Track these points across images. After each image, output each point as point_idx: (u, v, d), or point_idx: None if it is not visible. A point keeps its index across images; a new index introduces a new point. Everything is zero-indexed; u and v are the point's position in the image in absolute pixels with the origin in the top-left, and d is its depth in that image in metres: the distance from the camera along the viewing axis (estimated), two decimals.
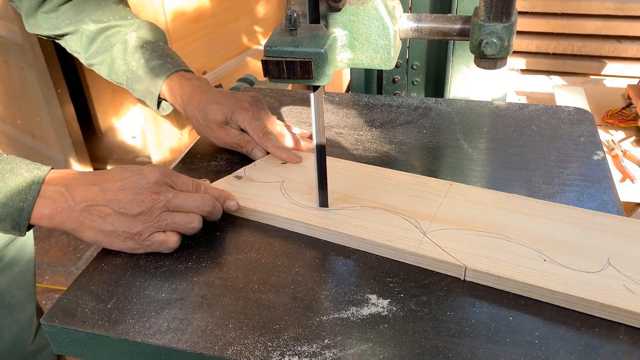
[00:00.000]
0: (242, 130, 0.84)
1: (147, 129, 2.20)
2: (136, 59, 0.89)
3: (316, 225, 0.68)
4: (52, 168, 0.65)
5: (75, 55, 0.96)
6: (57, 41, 0.97)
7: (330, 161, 0.78)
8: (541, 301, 0.58)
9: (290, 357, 0.53)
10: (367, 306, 0.58)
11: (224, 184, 0.78)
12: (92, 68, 0.95)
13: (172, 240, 0.65)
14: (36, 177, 0.62)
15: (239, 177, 0.78)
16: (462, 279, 0.61)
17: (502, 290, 0.59)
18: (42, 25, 0.93)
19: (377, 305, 0.58)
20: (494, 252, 0.62)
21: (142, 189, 0.63)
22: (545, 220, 0.66)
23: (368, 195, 0.73)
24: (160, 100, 0.91)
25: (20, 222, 0.62)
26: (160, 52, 0.90)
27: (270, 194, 0.74)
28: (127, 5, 0.97)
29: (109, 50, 0.90)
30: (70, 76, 2.35)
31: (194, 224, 0.66)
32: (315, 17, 0.59)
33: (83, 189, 0.63)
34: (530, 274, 0.59)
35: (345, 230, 0.66)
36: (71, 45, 0.94)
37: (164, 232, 0.64)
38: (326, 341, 0.54)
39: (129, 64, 0.89)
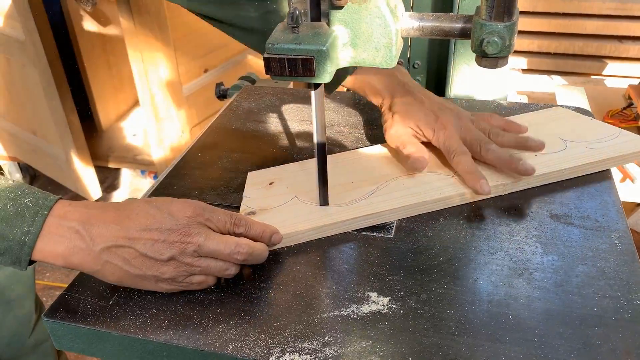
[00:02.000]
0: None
1: (148, 127, 2.20)
2: None
3: (360, 215, 0.69)
4: (60, 198, 0.58)
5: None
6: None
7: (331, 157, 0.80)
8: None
9: (291, 354, 0.53)
10: (368, 304, 0.58)
11: None
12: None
13: (211, 282, 0.60)
14: (41, 209, 0.55)
15: (252, 213, 0.71)
16: (503, 194, 0.73)
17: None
18: None
19: (378, 302, 0.59)
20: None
21: (171, 230, 0.56)
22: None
23: (377, 174, 0.77)
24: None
25: (20, 256, 0.55)
26: None
27: (296, 211, 0.71)
28: None
29: (263, 33, 0.81)
30: (72, 73, 2.36)
31: (230, 270, 0.60)
32: (317, 15, 0.60)
33: (102, 228, 0.56)
34: (541, 167, 0.74)
35: (406, 202, 0.70)
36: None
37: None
38: (326, 338, 0.55)
39: None
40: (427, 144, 0.79)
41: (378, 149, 0.84)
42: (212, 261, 0.59)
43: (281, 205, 0.72)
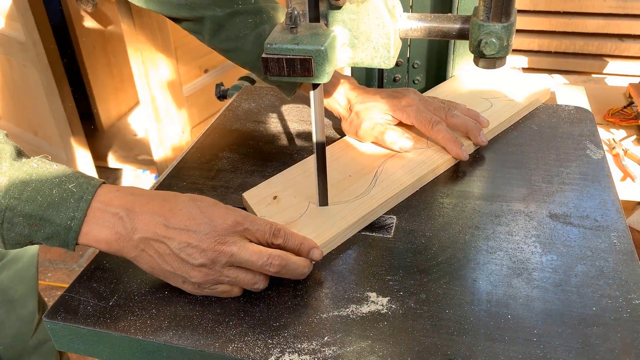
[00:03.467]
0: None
1: (148, 127, 2.21)
2: None
3: (377, 205, 0.71)
4: (104, 182, 0.59)
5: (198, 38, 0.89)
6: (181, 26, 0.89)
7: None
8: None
9: (290, 355, 0.53)
10: (367, 304, 0.59)
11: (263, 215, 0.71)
12: (223, 54, 0.88)
13: (235, 293, 0.59)
14: (86, 194, 0.56)
15: (275, 198, 0.72)
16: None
17: None
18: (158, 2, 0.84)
19: (377, 303, 0.59)
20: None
21: (208, 236, 0.56)
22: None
23: (365, 164, 0.79)
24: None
25: (67, 240, 0.56)
26: None
27: (320, 218, 0.69)
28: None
29: (240, 40, 0.82)
30: (73, 74, 2.36)
31: (258, 284, 0.59)
32: (316, 15, 0.60)
33: (146, 217, 0.57)
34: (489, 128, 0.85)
35: (410, 179, 0.75)
36: (189, 29, 0.87)
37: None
38: (326, 338, 0.55)
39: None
40: (399, 125, 0.84)
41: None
42: (242, 272, 0.58)
43: (302, 215, 0.70)
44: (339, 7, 0.59)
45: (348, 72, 1.17)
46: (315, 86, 0.62)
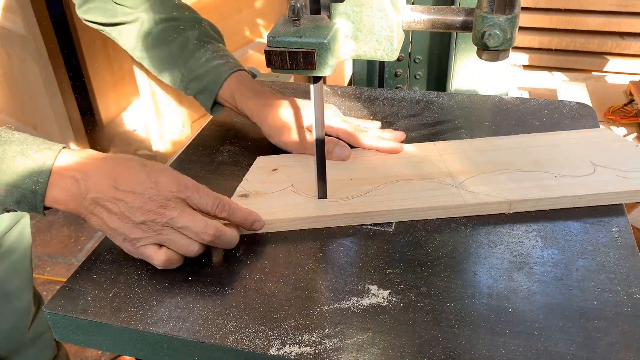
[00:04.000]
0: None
1: (149, 122, 2.20)
2: (196, 57, 0.86)
3: (352, 212, 0.68)
4: (64, 147, 0.63)
5: (126, 48, 0.92)
6: (106, 32, 0.93)
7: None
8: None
9: (291, 346, 0.53)
10: (368, 296, 0.59)
11: None
12: (143, 62, 0.91)
13: (158, 259, 0.61)
14: (47, 159, 0.60)
15: (245, 196, 0.73)
16: (507, 212, 0.69)
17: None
18: (98, 10, 0.90)
19: (378, 295, 0.59)
20: (518, 182, 0.72)
21: (152, 199, 0.60)
22: (532, 149, 0.79)
23: (379, 174, 0.76)
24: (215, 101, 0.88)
25: (35, 204, 0.61)
26: (221, 52, 0.88)
27: (289, 200, 0.72)
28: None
29: (166, 45, 0.87)
30: (72, 68, 2.35)
31: (192, 247, 0.61)
32: (317, 7, 0.60)
33: (97, 180, 0.60)
34: (556, 189, 0.70)
35: (394, 207, 0.69)
36: (125, 35, 0.91)
37: (159, 246, 0.61)
38: (327, 330, 0.55)
39: (187, 61, 0.86)
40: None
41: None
42: (177, 235, 0.61)
43: (274, 192, 0.74)
44: (341, 0, 0.58)
45: (350, 65, 1.17)
46: (316, 80, 0.62)
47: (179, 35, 0.87)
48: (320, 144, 0.66)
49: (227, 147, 0.87)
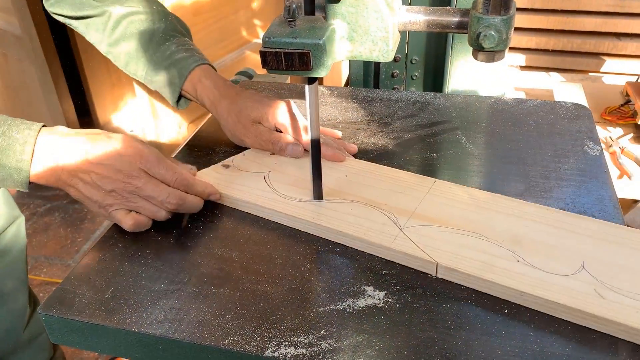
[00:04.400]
0: (274, 130, 0.83)
1: (145, 123, 2.20)
2: (161, 50, 0.87)
3: (294, 215, 0.68)
4: (43, 126, 0.67)
5: (93, 42, 0.92)
6: (74, 26, 0.93)
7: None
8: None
9: (287, 348, 0.53)
10: (364, 298, 0.58)
11: (212, 172, 0.79)
12: (109, 56, 0.91)
13: (126, 223, 0.67)
14: (29, 138, 0.65)
15: (226, 166, 0.80)
16: (434, 275, 0.61)
17: (472, 289, 0.59)
18: (66, 3, 0.90)
19: (374, 297, 0.59)
20: (468, 250, 0.61)
21: (117, 169, 0.66)
22: (525, 221, 0.65)
23: (350, 189, 0.73)
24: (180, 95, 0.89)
25: (20, 180, 0.66)
26: (187, 46, 0.88)
27: (253, 183, 0.75)
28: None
29: (132, 38, 0.88)
30: (69, 69, 2.35)
31: (160, 213, 0.68)
32: (311, 8, 0.59)
33: (71, 154, 0.66)
34: (500, 273, 0.58)
35: (322, 222, 0.67)
36: (92, 29, 0.91)
37: (129, 211, 0.68)
38: (322, 332, 0.55)
39: (152, 55, 0.87)
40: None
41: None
42: (145, 203, 0.68)
43: (253, 173, 0.78)
44: (337, 1, 0.58)
45: (346, 65, 1.17)
46: (311, 81, 0.62)
47: (145, 29, 0.88)
48: (315, 144, 0.66)
49: (224, 148, 0.86)
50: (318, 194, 0.70)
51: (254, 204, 0.71)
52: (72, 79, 2.34)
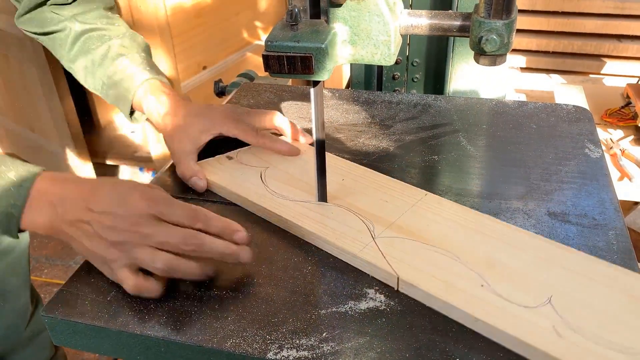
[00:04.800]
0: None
1: (146, 124, 2.20)
2: (115, 65, 0.87)
3: (276, 213, 0.69)
4: (43, 170, 0.63)
5: (57, 56, 0.94)
6: (41, 40, 0.95)
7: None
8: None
9: (289, 350, 0.53)
10: (365, 300, 0.59)
11: (215, 162, 0.80)
12: (71, 71, 0.93)
13: (127, 284, 0.59)
14: (24, 182, 0.60)
15: (230, 158, 0.81)
16: (396, 289, 0.60)
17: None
18: (36, 20, 0.92)
19: (375, 299, 0.59)
20: (434, 268, 0.60)
21: (122, 218, 0.58)
22: (504, 245, 0.63)
23: (339, 193, 0.73)
24: (133, 109, 0.88)
25: (10, 227, 0.60)
26: (142, 61, 0.88)
27: (249, 177, 0.77)
28: (116, 13, 0.96)
29: (89, 53, 0.89)
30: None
31: (155, 263, 0.58)
32: (316, 12, 0.60)
33: (73, 202, 0.60)
34: (459, 296, 0.56)
35: (300, 223, 0.67)
36: (57, 44, 0.92)
37: (133, 270, 0.59)
38: (324, 334, 0.55)
39: (107, 69, 0.87)
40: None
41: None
42: (152, 252, 0.58)
43: (252, 167, 0.79)
44: (339, 4, 0.59)
45: (347, 68, 1.17)
46: (315, 83, 0.62)
47: (102, 44, 0.88)
48: (320, 145, 0.67)
49: (225, 151, 0.86)
50: (322, 196, 0.71)
51: (241, 196, 0.73)
52: (73, 80, 2.34)
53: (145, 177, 2.50)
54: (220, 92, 1.18)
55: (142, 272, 0.59)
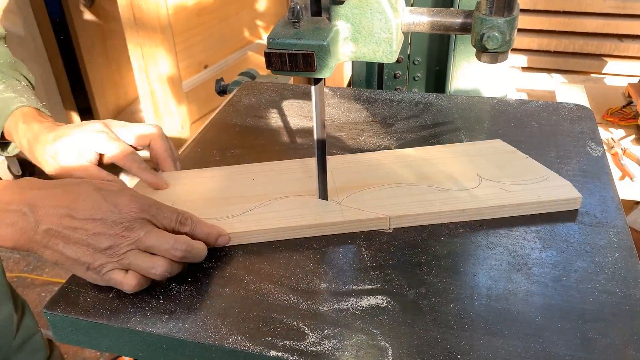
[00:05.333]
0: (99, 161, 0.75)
1: (148, 122, 2.20)
2: None
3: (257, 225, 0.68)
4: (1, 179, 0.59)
5: None
6: None
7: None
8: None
9: (289, 347, 0.53)
10: (367, 297, 0.59)
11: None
12: None
13: (127, 284, 0.58)
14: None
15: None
16: (387, 229, 0.68)
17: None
18: None
19: (377, 296, 0.59)
20: (399, 198, 0.71)
21: (115, 223, 0.57)
22: (421, 162, 0.78)
23: (258, 191, 0.73)
24: (6, 141, 0.82)
25: None
26: (19, 87, 0.82)
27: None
28: (5, 44, 0.90)
29: None
30: (71, 69, 2.35)
31: (156, 269, 0.58)
32: (318, 9, 0.60)
33: (49, 210, 0.57)
34: (436, 204, 0.69)
35: (278, 225, 0.67)
36: None
37: (126, 271, 0.59)
38: (326, 332, 0.55)
39: None
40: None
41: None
42: (141, 257, 0.58)
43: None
44: (341, 2, 0.59)
45: (349, 66, 1.17)
46: (316, 81, 0.62)
47: None
48: (320, 144, 0.67)
49: (227, 149, 0.87)
50: (323, 194, 0.71)
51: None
52: (74, 79, 2.35)
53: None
54: (222, 91, 1.18)
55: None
